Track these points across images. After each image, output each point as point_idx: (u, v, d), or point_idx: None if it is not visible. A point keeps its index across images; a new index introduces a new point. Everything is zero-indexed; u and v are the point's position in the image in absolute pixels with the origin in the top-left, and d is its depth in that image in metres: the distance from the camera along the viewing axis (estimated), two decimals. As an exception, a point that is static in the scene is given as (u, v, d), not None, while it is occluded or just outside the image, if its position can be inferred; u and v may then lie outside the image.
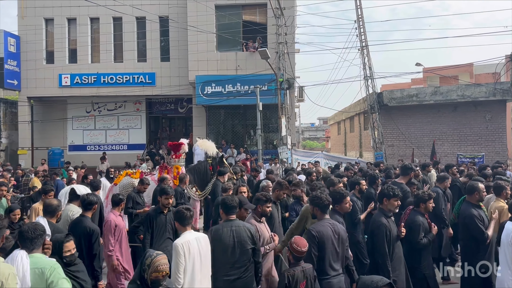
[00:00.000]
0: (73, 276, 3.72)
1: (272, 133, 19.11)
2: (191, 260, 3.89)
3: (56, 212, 4.73)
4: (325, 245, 4.13)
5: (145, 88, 19.54)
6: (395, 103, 19.25)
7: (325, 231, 4.18)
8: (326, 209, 4.39)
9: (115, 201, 6.00)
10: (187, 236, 4.01)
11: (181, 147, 9.03)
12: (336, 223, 4.40)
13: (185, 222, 4.12)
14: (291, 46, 18.12)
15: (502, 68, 18.13)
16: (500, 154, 18.04)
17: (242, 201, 4.78)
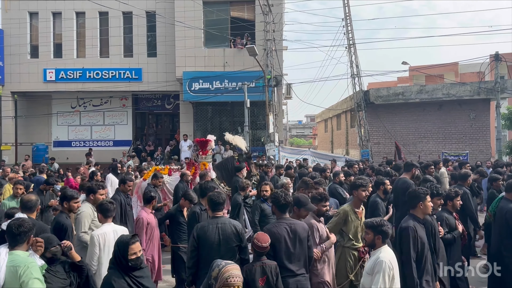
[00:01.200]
0: (136, 282, 3.35)
1: (259, 130, 19.12)
2: (106, 250, 4.14)
3: (35, 207, 4.64)
4: (277, 245, 4.10)
5: (131, 83, 19.34)
6: (381, 101, 19.41)
7: (277, 231, 4.14)
8: (284, 209, 4.32)
9: (147, 199, 5.84)
10: (105, 228, 4.31)
11: (208, 144, 9.00)
12: (297, 222, 4.29)
13: (108, 214, 4.42)
14: (279, 43, 18.12)
15: (487, 68, 18.42)
16: (484, 152, 18.34)
17: (303, 202, 4.52)
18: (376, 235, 3.75)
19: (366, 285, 3.67)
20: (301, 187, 5.88)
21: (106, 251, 4.17)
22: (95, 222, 5.04)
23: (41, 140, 19.90)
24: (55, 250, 3.52)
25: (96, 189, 5.27)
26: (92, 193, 5.26)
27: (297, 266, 4.13)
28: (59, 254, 3.56)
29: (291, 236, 4.16)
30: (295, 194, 4.79)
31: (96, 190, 5.26)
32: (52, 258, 3.56)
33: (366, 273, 3.73)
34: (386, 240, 3.77)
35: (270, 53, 16.93)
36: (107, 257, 4.09)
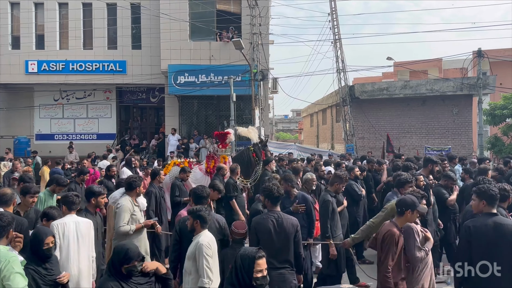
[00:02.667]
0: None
1: (245, 124, 18.93)
2: (66, 240, 4.27)
3: (11, 201, 4.55)
4: (261, 237, 4.19)
5: (115, 76, 19.09)
6: (366, 96, 19.57)
7: (263, 223, 4.22)
8: (276, 201, 4.37)
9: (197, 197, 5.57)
10: (66, 219, 4.38)
11: (227, 137, 8.91)
12: (285, 217, 4.31)
13: (72, 207, 4.48)
14: (265, 37, 18.08)
15: (469, 64, 18.65)
16: (466, 147, 18.66)
17: (415, 203, 4.16)
18: (194, 219, 3.98)
19: (187, 269, 3.88)
20: (336, 182, 5.73)
21: (66, 241, 4.28)
22: (134, 216, 5.24)
23: (23, 133, 19.53)
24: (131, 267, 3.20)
25: (136, 185, 5.40)
26: (131, 187, 5.40)
27: (280, 259, 4.16)
28: (137, 269, 3.24)
29: (277, 230, 4.19)
30: (403, 196, 4.32)
31: (136, 186, 5.38)
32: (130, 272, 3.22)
33: (187, 258, 3.91)
34: (204, 225, 3.96)
35: (256, 47, 16.88)
36: (67, 246, 4.28)
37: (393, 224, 4.10)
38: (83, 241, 4.41)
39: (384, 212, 5.01)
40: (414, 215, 4.11)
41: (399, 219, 4.14)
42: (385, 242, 4.02)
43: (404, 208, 4.08)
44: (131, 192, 5.35)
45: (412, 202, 4.10)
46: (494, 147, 17.97)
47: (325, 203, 5.55)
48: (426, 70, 24.40)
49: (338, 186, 5.72)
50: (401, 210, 4.11)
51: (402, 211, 4.10)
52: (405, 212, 4.08)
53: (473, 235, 3.85)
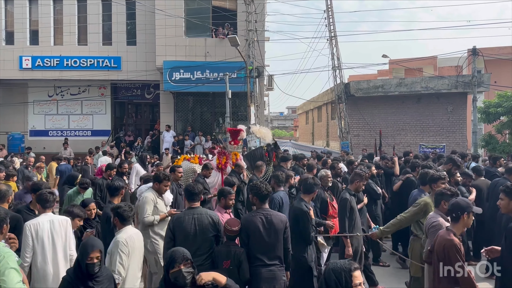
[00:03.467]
0: None
1: (241, 121, 19.03)
2: (40, 241, 4.12)
3: (5, 197, 4.53)
4: (251, 235, 4.23)
5: (110, 72, 18.99)
6: (361, 93, 19.59)
7: (252, 221, 4.28)
8: (264, 199, 4.42)
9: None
10: (40, 218, 4.23)
11: (240, 133, 8.92)
12: (274, 214, 4.40)
13: (46, 205, 4.35)
14: (261, 34, 18.02)
15: (464, 62, 18.72)
16: (460, 145, 18.74)
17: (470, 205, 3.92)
18: (114, 216, 4.08)
19: (106, 264, 3.89)
20: (356, 180, 5.70)
21: (40, 242, 4.12)
22: (158, 207, 5.37)
23: (17, 129, 19.43)
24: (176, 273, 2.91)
25: (162, 179, 5.46)
26: (157, 181, 5.48)
27: (270, 256, 4.22)
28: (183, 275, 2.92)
29: (266, 227, 4.24)
30: (456, 200, 3.95)
31: (162, 180, 5.45)
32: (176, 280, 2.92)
33: (107, 254, 3.97)
34: (124, 222, 4.04)
35: (252, 44, 16.85)
36: (41, 247, 4.11)
37: (451, 232, 3.71)
38: (58, 240, 4.23)
39: (416, 207, 5.00)
40: (470, 218, 3.77)
41: (456, 226, 3.75)
42: (446, 254, 3.62)
43: (460, 213, 3.72)
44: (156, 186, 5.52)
45: (467, 205, 3.79)
46: (488, 145, 18.07)
47: (342, 201, 5.59)
48: (421, 67, 24.48)
49: (358, 184, 5.72)
50: (457, 216, 3.74)
51: (458, 216, 3.73)
52: (461, 217, 3.72)
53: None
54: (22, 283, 3.19)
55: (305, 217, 4.89)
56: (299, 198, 5.18)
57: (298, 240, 4.84)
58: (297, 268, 4.91)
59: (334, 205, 6.36)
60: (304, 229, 4.89)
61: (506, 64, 22.86)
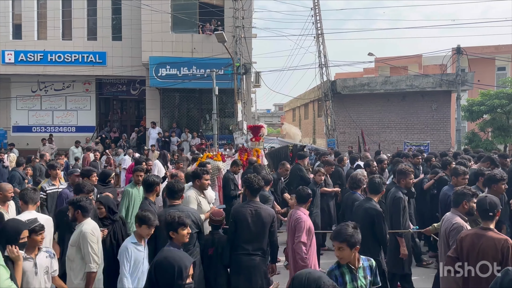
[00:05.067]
0: None
1: (228, 118, 19.03)
2: None
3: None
4: (238, 224, 4.48)
5: (95, 67, 18.75)
6: (347, 91, 19.72)
7: (242, 211, 4.51)
8: (256, 192, 4.64)
9: (304, 196, 4.99)
10: (25, 216, 4.23)
11: (261, 130, 8.88)
12: (263, 207, 4.58)
13: (29, 201, 4.43)
14: (248, 30, 17.98)
15: (449, 60, 18.98)
16: (444, 143, 19.02)
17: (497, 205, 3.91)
18: (75, 210, 4.17)
19: (71, 256, 4.09)
20: (401, 178, 5.51)
21: None
22: (201, 206, 5.30)
23: (0, 125, 19.06)
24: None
25: (201, 175, 5.38)
26: (197, 178, 5.39)
27: (254, 246, 4.46)
28: None
29: (254, 219, 4.46)
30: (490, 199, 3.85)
31: (201, 176, 5.38)
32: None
33: (70, 246, 4.11)
34: (86, 214, 4.16)
35: (239, 40, 16.80)
36: None
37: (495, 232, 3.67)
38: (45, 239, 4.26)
39: None
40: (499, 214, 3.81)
41: (492, 224, 3.73)
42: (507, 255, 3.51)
43: (496, 210, 3.72)
44: (195, 185, 5.47)
45: (498, 201, 3.80)
46: (471, 142, 18.39)
47: (396, 200, 5.31)
48: (406, 66, 24.73)
49: (405, 181, 5.50)
50: (494, 214, 3.71)
51: (495, 214, 3.71)
52: (497, 214, 3.74)
53: None
54: (10, 280, 3.14)
55: (381, 218, 4.66)
56: (367, 198, 4.91)
57: (372, 243, 4.62)
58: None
59: None
60: (380, 231, 4.64)
61: (489, 63, 23.29)
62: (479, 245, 3.68)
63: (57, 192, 6.40)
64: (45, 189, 6.58)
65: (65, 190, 6.11)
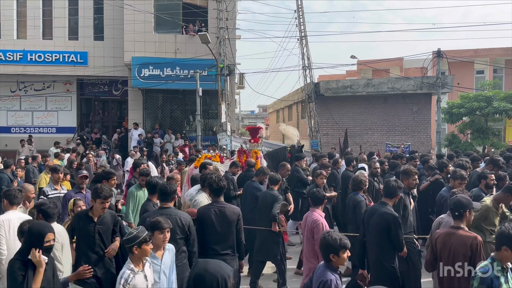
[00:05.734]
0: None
1: (211, 119, 18.98)
2: (12, 235, 4.21)
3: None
4: (204, 226, 4.52)
5: (76, 68, 18.47)
6: (330, 93, 19.88)
7: (206, 213, 4.55)
8: (218, 193, 4.66)
9: (319, 198, 5.10)
10: (10, 215, 4.36)
11: (259, 131, 8.81)
12: (227, 206, 4.64)
13: (14, 201, 4.44)
14: (232, 31, 17.98)
15: (429, 63, 19.32)
16: (425, 144, 19.34)
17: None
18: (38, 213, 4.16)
19: None
20: (404, 178, 5.56)
21: (12, 236, 4.22)
22: None
23: (-23, 126, 18.66)
24: None
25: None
26: None
27: (222, 246, 4.49)
28: None
29: (219, 219, 4.49)
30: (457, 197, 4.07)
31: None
32: None
33: None
34: (49, 219, 4.08)
35: (223, 42, 16.78)
36: (13, 242, 4.19)
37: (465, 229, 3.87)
38: None
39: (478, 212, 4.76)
40: (471, 214, 4.00)
41: (461, 223, 3.93)
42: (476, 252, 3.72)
43: (463, 210, 3.90)
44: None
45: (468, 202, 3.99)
46: (451, 144, 18.75)
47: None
48: (388, 69, 25.09)
49: (408, 182, 5.52)
50: (460, 214, 3.91)
51: (461, 214, 3.91)
52: (464, 214, 3.91)
53: None
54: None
55: (397, 223, 4.54)
56: (382, 203, 4.78)
57: (387, 248, 4.55)
58: (384, 278, 4.48)
59: None
60: (396, 236, 4.52)
61: (468, 67, 23.80)
62: (450, 243, 3.83)
63: (59, 197, 6.29)
64: (47, 194, 6.47)
65: (70, 193, 6.02)
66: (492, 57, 24.65)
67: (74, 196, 5.71)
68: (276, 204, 6.08)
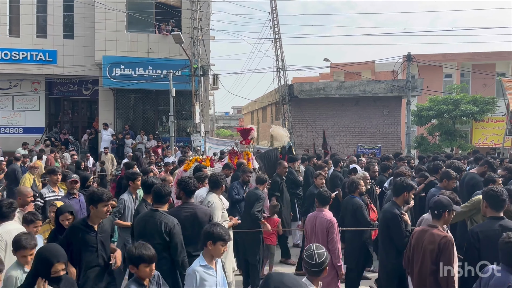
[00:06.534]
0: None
1: (185, 120, 18.80)
2: (8, 249, 3.93)
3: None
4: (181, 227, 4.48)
5: (44, 66, 17.96)
6: (304, 95, 20.04)
7: (178, 215, 4.47)
8: (190, 194, 4.66)
9: (326, 197, 5.09)
10: (8, 227, 4.09)
11: (250, 133, 8.59)
12: (198, 207, 4.62)
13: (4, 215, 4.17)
14: (206, 32, 17.88)
15: (399, 67, 19.74)
16: (395, 146, 19.74)
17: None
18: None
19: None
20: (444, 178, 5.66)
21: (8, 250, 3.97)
22: (224, 213, 5.23)
23: None
24: None
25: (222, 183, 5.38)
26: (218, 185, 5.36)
27: (194, 247, 4.40)
28: None
29: (190, 220, 4.48)
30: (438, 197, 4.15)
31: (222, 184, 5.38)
32: None
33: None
34: (4, 219, 4.08)
35: (197, 42, 16.66)
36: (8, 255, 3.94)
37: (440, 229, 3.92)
38: None
39: (469, 203, 4.90)
40: (451, 215, 3.99)
41: (438, 223, 3.98)
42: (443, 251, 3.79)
43: (442, 210, 3.95)
44: (217, 190, 5.33)
45: (449, 203, 4.00)
46: (420, 146, 19.24)
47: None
48: (360, 72, 25.49)
49: (448, 183, 5.67)
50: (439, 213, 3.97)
51: (440, 214, 3.96)
52: (443, 214, 3.95)
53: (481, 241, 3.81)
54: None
55: (396, 221, 4.56)
56: (391, 202, 4.82)
57: (390, 246, 4.63)
58: (389, 276, 4.64)
59: (373, 208, 6.31)
60: (395, 234, 4.55)
61: (437, 70, 24.46)
62: (423, 240, 3.95)
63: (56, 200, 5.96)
64: (44, 196, 6.22)
65: (63, 199, 5.68)
66: (460, 62, 25.42)
67: (68, 202, 5.47)
68: (257, 203, 6.06)
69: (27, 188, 5.10)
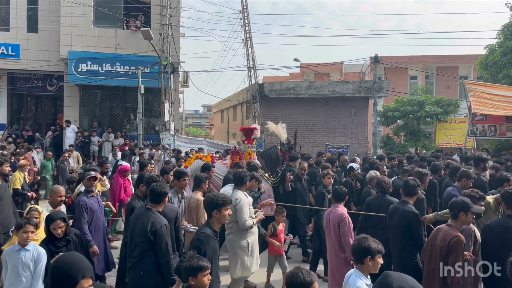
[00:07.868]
0: None
1: (154, 118, 18.54)
2: None
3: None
4: None
5: (7, 61, 17.29)
6: (275, 94, 20.16)
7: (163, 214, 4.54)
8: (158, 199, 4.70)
9: (341, 194, 5.25)
10: None
11: (253, 132, 8.38)
12: (167, 204, 4.59)
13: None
14: (176, 29, 17.67)
15: (367, 69, 20.19)
16: (362, 145, 20.17)
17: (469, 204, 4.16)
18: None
19: None
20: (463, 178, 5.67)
21: None
22: (251, 209, 5.36)
23: None
24: None
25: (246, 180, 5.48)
26: (249, 179, 5.54)
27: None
28: None
29: (171, 220, 4.57)
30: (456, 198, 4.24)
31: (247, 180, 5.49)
32: None
33: None
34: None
35: (167, 39, 16.45)
36: None
37: (454, 228, 4.04)
38: None
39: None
40: (469, 216, 4.06)
41: (455, 223, 4.10)
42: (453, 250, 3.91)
43: (457, 211, 4.06)
44: (242, 187, 5.41)
45: (466, 204, 4.06)
46: (386, 145, 19.72)
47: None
48: (329, 72, 25.88)
49: (466, 182, 5.71)
50: (455, 214, 4.08)
51: (456, 214, 4.06)
52: (459, 215, 4.05)
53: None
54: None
55: (417, 220, 4.74)
56: (403, 201, 4.91)
57: (409, 245, 4.72)
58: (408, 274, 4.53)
59: None
60: (416, 233, 4.70)
61: (403, 72, 25.15)
62: (437, 237, 4.15)
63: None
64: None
65: (83, 199, 5.43)
66: (425, 64, 26.23)
67: (88, 201, 5.38)
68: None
69: (60, 186, 5.25)
